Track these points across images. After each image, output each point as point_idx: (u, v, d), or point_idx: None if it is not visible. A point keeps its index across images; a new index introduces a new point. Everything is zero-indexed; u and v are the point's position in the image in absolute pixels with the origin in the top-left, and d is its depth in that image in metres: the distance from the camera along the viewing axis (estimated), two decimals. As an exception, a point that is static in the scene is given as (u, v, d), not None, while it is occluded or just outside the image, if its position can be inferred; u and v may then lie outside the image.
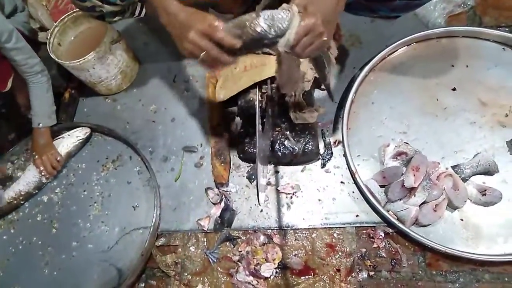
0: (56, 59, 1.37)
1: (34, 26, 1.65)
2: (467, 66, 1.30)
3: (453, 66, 1.31)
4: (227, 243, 1.22)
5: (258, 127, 0.86)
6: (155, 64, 1.59)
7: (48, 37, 1.43)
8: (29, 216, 1.40)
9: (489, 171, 1.14)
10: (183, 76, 1.53)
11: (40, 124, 1.37)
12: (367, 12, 1.07)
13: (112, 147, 1.46)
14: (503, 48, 1.31)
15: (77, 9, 1.45)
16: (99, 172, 1.41)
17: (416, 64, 1.34)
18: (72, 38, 1.52)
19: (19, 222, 1.40)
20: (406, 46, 1.37)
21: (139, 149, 1.38)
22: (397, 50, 1.37)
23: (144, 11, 1.08)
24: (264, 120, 1.18)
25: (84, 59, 1.33)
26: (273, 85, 1.34)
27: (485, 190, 1.10)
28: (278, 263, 1.16)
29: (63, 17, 1.46)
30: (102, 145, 1.47)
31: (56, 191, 1.42)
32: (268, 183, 1.25)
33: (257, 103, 0.85)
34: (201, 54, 0.78)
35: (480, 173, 1.14)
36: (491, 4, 1.41)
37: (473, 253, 1.05)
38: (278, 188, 1.24)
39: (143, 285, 1.24)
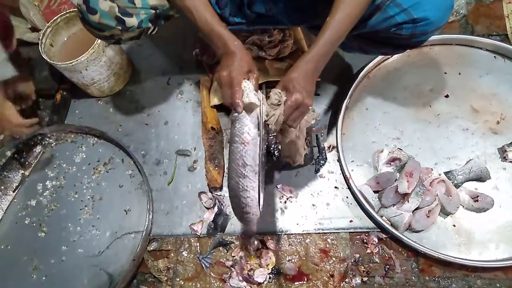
0: (48, 60, 1.35)
1: (26, 26, 1.63)
2: (459, 74, 1.31)
3: (446, 73, 1.32)
4: (220, 248, 1.21)
5: (262, 131, 0.86)
6: (148, 67, 1.58)
7: (40, 38, 1.40)
8: (16, 219, 1.36)
9: (481, 178, 1.15)
10: (177, 79, 1.52)
11: None
12: (360, 51, 1.18)
13: (104, 149, 1.43)
14: (494, 56, 1.33)
15: (70, 10, 1.44)
16: (90, 175, 1.39)
17: (409, 71, 1.35)
18: (65, 39, 1.49)
19: (6, 225, 1.37)
20: (400, 53, 1.38)
21: (131, 152, 1.36)
22: (391, 57, 1.38)
23: (156, 29, 1.09)
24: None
25: (76, 60, 1.31)
26: (268, 89, 1.34)
27: (477, 196, 1.11)
28: (272, 268, 1.15)
29: (55, 17, 1.44)
30: (94, 147, 1.45)
31: (45, 194, 1.39)
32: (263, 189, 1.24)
33: (260, 108, 0.86)
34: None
35: (473, 180, 1.16)
36: (482, 13, 1.43)
37: (466, 259, 1.06)
38: (278, 189, 1.24)
39: (134, 290, 1.22)
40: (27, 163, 1.42)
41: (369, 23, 0.96)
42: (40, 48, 1.39)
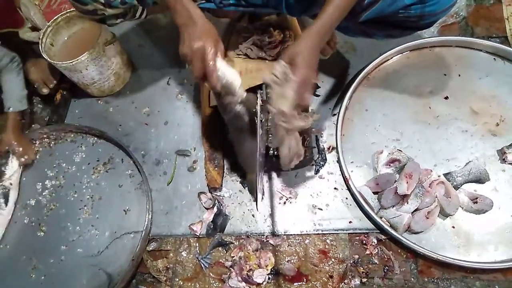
0: (49, 60, 1.35)
1: (26, 25, 1.62)
2: (459, 75, 1.32)
3: (445, 75, 1.33)
4: (220, 249, 1.21)
5: (259, 132, 0.86)
6: (149, 66, 1.58)
7: (41, 37, 1.41)
8: (15, 219, 1.37)
9: (480, 179, 1.15)
10: (177, 79, 1.52)
11: (11, 109, 1.36)
12: (364, 35, 1.14)
13: (103, 149, 1.43)
14: (494, 58, 1.33)
15: (71, 9, 1.44)
16: (89, 175, 1.39)
17: (409, 72, 1.35)
18: (65, 38, 1.49)
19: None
20: (400, 54, 1.39)
21: (131, 152, 1.36)
22: (391, 58, 1.38)
23: (145, 14, 1.07)
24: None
25: (77, 60, 1.31)
26: (268, 90, 1.34)
27: (477, 198, 1.11)
28: (271, 269, 1.15)
29: (56, 17, 1.44)
30: (94, 147, 1.45)
31: (45, 193, 1.39)
32: (262, 190, 1.25)
33: (258, 110, 0.86)
34: (188, 66, 0.83)
35: (472, 181, 1.16)
36: (482, 15, 1.44)
37: (464, 261, 1.06)
38: (277, 190, 1.24)
39: (133, 290, 1.22)
40: None
41: (376, 7, 0.93)
42: (40, 47, 1.39)
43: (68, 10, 1.45)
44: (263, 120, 0.98)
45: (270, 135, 1.02)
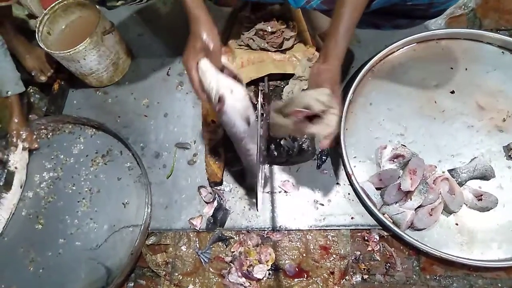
0: (45, 49, 1.32)
1: (22, 13, 1.58)
2: (466, 69, 1.29)
3: (452, 68, 1.29)
4: (220, 243, 1.20)
5: (259, 131, 0.83)
6: (148, 57, 1.54)
7: (38, 25, 1.37)
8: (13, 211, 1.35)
9: (485, 176, 1.13)
10: (177, 70, 1.49)
11: (9, 92, 1.31)
12: (371, 27, 1.11)
13: (102, 141, 1.41)
14: (502, 52, 1.30)
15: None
16: (88, 167, 1.37)
17: (415, 65, 1.32)
18: (63, 27, 1.46)
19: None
20: (405, 47, 1.35)
21: (130, 144, 1.34)
22: (396, 51, 1.35)
23: None
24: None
25: (74, 49, 1.28)
26: (270, 82, 1.32)
27: (481, 195, 1.10)
28: (271, 264, 1.14)
29: (53, 4, 1.40)
30: (92, 139, 1.42)
31: (42, 185, 1.37)
32: (264, 184, 1.23)
33: (259, 104, 0.84)
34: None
35: (477, 178, 1.14)
36: (491, 7, 1.40)
37: (467, 258, 1.05)
38: (279, 185, 1.22)
39: (132, 284, 1.21)
40: None
41: None
42: (37, 36, 1.35)
43: (65, -2, 1.41)
44: (264, 114, 0.95)
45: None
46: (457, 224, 1.11)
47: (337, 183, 1.21)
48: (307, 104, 0.78)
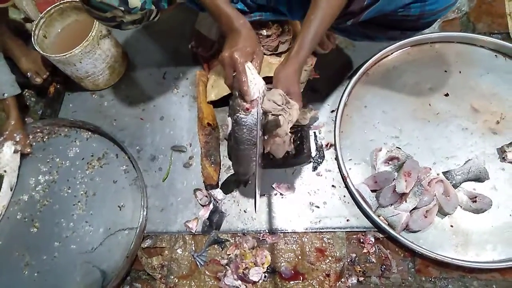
0: (41, 52, 1.32)
1: (19, 16, 1.59)
2: (460, 72, 1.30)
3: (446, 71, 1.31)
4: (215, 246, 1.20)
5: (259, 133, 0.84)
6: (144, 60, 1.55)
7: (33, 29, 1.37)
8: (8, 214, 1.34)
9: (479, 178, 1.14)
10: (173, 73, 1.49)
11: (5, 94, 1.32)
12: (365, 38, 1.14)
13: (98, 144, 1.41)
14: (495, 55, 1.31)
15: (64, 0, 1.41)
16: (83, 170, 1.37)
17: (409, 68, 1.33)
18: (59, 30, 1.46)
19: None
20: (400, 50, 1.36)
21: (126, 147, 1.34)
22: (391, 54, 1.36)
23: (158, 15, 1.05)
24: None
25: (70, 53, 1.28)
26: (267, 85, 1.32)
27: (476, 197, 1.10)
28: (267, 267, 1.14)
29: (49, 8, 1.40)
30: (88, 142, 1.42)
31: (38, 188, 1.37)
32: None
33: (259, 105, 0.84)
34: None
35: (471, 180, 1.15)
36: (484, 10, 1.41)
37: (462, 260, 1.05)
38: (274, 187, 1.22)
39: (127, 288, 1.20)
40: None
41: (376, 6, 0.92)
42: (33, 39, 1.36)
43: (61, 1, 1.41)
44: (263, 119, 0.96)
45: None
46: (452, 226, 1.11)
47: (333, 186, 1.21)
48: (264, 103, 0.87)
